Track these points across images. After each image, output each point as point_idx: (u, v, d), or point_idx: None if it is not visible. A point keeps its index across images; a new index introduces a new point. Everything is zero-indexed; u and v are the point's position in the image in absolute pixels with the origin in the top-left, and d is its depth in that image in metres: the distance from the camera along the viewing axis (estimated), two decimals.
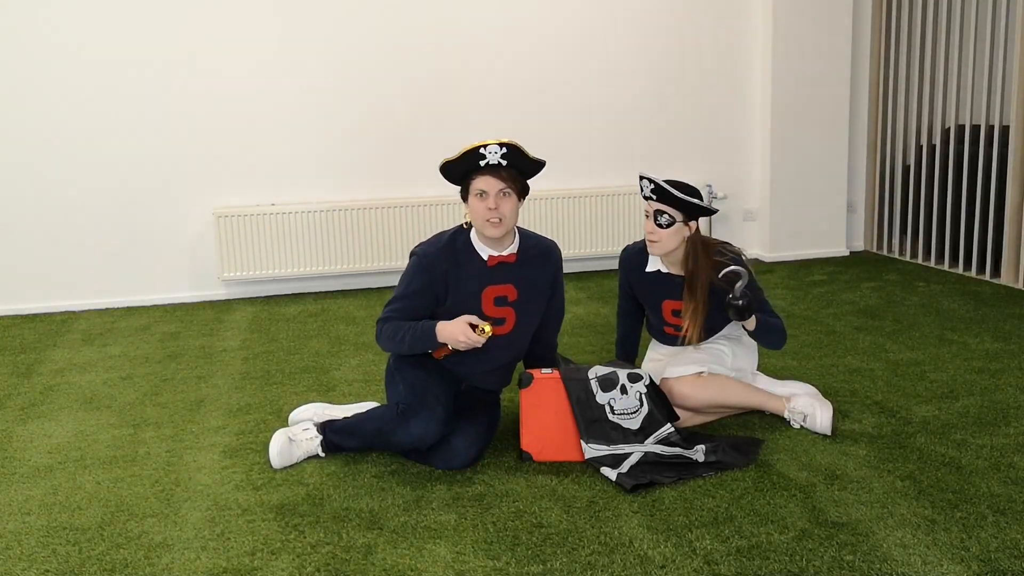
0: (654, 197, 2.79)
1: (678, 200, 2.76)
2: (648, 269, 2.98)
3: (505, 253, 2.71)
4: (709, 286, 2.86)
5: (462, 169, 2.61)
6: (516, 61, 5.33)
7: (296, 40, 5.02)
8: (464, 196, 2.67)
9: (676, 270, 2.93)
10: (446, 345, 2.65)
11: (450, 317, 2.66)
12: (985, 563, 2.06)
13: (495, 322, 2.71)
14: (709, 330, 2.99)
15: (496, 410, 2.88)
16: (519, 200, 2.66)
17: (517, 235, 2.76)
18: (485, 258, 2.69)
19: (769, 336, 2.89)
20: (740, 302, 2.71)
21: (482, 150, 2.54)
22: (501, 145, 2.54)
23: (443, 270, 2.67)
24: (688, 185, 2.81)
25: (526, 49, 5.34)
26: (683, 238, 2.84)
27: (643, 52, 5.53)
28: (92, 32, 4.77)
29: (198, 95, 4.95)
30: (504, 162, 2.57)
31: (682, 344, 3.01)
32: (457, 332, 2.57)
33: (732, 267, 2.74)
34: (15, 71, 4.72)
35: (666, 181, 2.77)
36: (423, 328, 2.63)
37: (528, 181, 2.69)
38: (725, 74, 5.69)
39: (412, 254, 2.72)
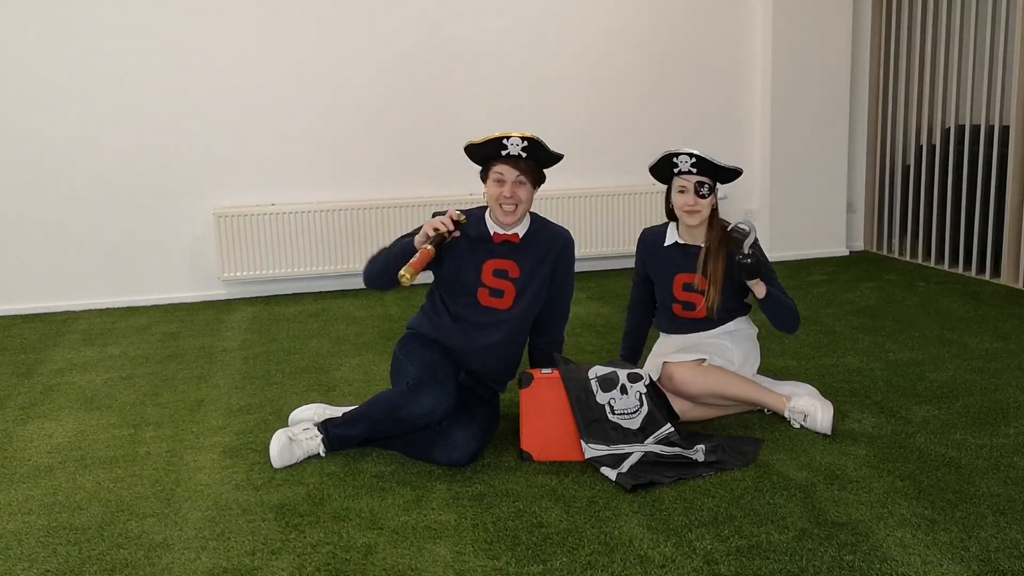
0: (694, 171, 2.88)
1: (718, 168, 2.87)
2: (666, 244, 3.04)
3: (510, 233, 2.84)
4: (727, 255, 2.92)
5: (484, 154, 2.78)
6: (516, 62, 5.33)
7: (296, 40, 5.02)
8: (483, 177, 2.83)
9: (694, 240, 2.99)
10: (426, 244, 2.68)
11: (451, 279, 2.82)
12: (985, 563, 2.06)
13: (492, 292, 2.83)
14: (725, 310, 3.01)
15: (495, 409, 2.90)
16: (534, 188, 2.83)
17: (529, 220, 2.89)
18: (492, 233, 2.83)
19: (781, 312, 2.94)
20: (748, 260, 2.79)
21: (505, 141, 2.72)
22: (523, 139, 2.71)
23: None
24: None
25: (526, 50, 5.34)
26: (712, 207, 2.94)
27: (642, 52, 5.52)
28: (92, 32, 4.77)
29: (198, 95, 4.95)
30: (524, 154, 2.74)
31: (686, 327, 3.04)
32: (431, 223, 2.70)
33: (740, 223, 2.87)
34: (15, 72, 4.72)
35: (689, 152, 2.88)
36: (404, 239, 2.79)
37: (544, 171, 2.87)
38: (725, 74, 5.69)
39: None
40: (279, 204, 5.11)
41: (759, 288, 2.87)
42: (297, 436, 2.75)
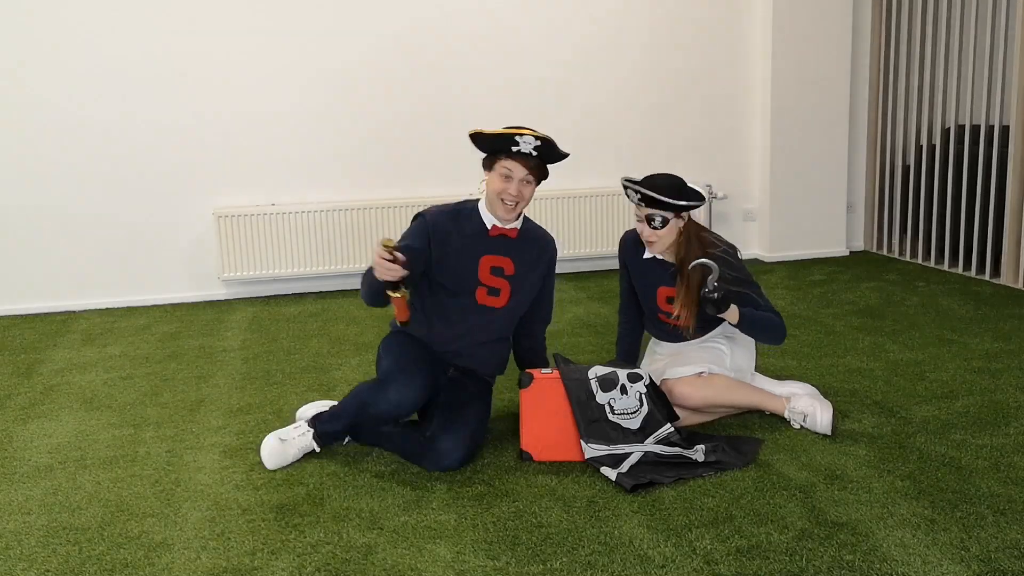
0: (644, 203, 2.84)
1: (666, 203, 2.80)
2: (645, 256, 3.01)
3: (508, 227, 2.82)
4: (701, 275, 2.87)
5: (493, 146, 2.72)
6: (517, 62, 5.33)
7: (296, 40, 5.02)
8: (487, 167, 2.78)
9: (670, 257, 2.96)
10: (392, 293, 2.54)
11: (448, 280, 2.77)
12: (985, 563, 2.06)
13: (490, 291, 2.82)
14: (706, 323, 2.99)
15: (486, 405, 2.87)
16: (536, 186, 2.81)
17: (522, 218, 2.89)
18: (489, 226, 2.81)
19: (761, 331, 2.90)
20: (714, 295, 2.74)
21: (517, 138, 2.67)
22: (536, 138, 2.67)
23: (445, 233, 2.78)
24: (671, 176, 2.84)
25: (527, 50, 5.34)
26: (679, 230, 2.88)
27: (643, 53, 5.52)
28: (92, 33, 4.77)
29: (198, 95, 4.94)
30: (535, 153, 2.71)
31: (676, 335, 3.01)
32: (377, 263, 2.51)
33: (701, 260, 2.77)
34: (14, 71, 4.72)
35: (646, 180, 2.81)
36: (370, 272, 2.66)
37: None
38: (725, 74, 5.69)
39: (417, 216, 2.81)
40: (279, 204, 5.11)
41: (731, 315, 2.84)
42: (288, 436, 2.74)
